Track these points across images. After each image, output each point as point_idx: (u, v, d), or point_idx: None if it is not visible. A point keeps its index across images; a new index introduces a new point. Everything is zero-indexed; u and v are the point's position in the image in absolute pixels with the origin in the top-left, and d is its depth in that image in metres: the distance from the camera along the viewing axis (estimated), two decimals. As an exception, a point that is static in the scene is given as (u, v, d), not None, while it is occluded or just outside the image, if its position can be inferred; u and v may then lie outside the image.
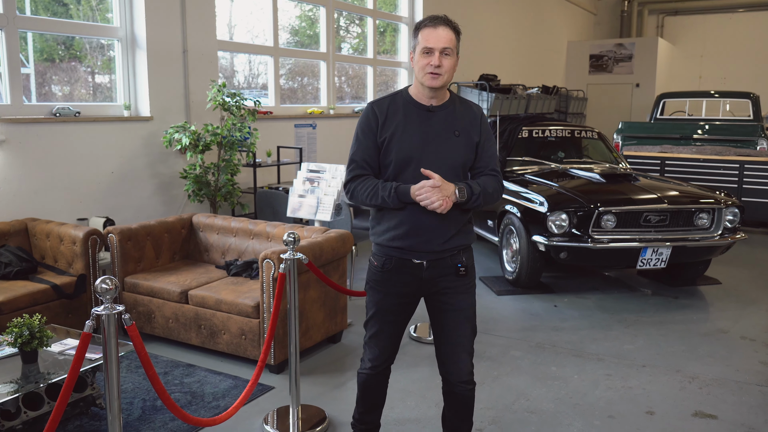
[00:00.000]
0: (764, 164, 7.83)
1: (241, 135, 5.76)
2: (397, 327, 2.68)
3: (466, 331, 2.62)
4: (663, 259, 5.22)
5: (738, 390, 3.78)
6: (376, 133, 2.54)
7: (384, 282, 2.61)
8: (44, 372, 3.09)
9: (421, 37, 2.47)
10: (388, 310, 2.64)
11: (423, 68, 2.46)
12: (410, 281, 2.58)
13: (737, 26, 17.16)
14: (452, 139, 2.52)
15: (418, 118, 2.52)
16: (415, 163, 2.48)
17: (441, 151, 2.50)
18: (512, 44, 13.15)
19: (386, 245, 2.57)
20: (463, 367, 2.63)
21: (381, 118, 2.54)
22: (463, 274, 2.58)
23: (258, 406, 3.52)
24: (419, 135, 2.50)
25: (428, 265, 2.55)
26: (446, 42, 2.44)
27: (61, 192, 5.15)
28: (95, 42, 5.66)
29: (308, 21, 8.15)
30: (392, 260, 2.57)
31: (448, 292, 2.59)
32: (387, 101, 2.59)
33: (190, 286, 4.23)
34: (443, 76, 2.45)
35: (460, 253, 2.58)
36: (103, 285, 2.15)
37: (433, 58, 2.43)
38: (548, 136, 6.91)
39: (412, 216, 2.49)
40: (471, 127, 2.56)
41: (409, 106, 2.55)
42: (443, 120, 2.53)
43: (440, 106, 2.55)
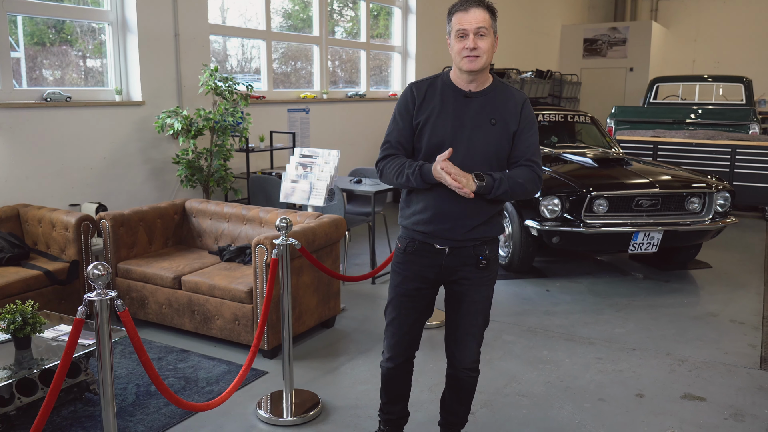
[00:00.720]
0: (756, 148, 7.86)
1: (234, 120, 5.74)
2: (414, 315, 2.64)
3: (478, 321, 2.61)
4: (654, 244, 5.25)
5: (726, 372, 3.82)
6: (412, 115, 2.50)
7: (405, 264, 2.59)
8: (37, 358, 3.10)
9: (454, 21, 2.41)
10: (406, 295, 2.60)
11: (459, 52, 2.39)
12: (430, 265, 2.55)
13: (731, 10, 17.12)
14: (487, 126, 2.44)
15: (455, 103, 2.46)
16: (447, 147, 2.41)
17: (474, 138, 2.43)
18: (506, 28, 13.09)
19: (411, 228, 2.55)
20: (469, 354, 2.65)
21: (418, 101, 2.49)
22: (484, 267, 2.54)
23: (251, 391, 3.54)
24: (453, 121, 2.44)
25: (450, 252, 2.52)
26: (480, 22, 2.36)
27: (52, 178, 5.13)
28: (86, 26, 5.61)
29: (301, 4, 8.09)
30: (415, 243, 2.55)
31: (466, 284, 2.56)
32: (426, 83, 2.53)
33: (183, 271, 4.24)
34: (481, 58, 2.37)
35: (484, 245, 2.53)
36: (96, 271, 2.16)
37: (468, 40, 2.36)
38: (541, 121, 6.91)
39: (438, 201, 2.46)
40: (510, 115, 2.47)
41: (447, 90, 2.49)
42: (480, 107, 2.46)
43: (480, 92, 2.47)
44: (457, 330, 2.63)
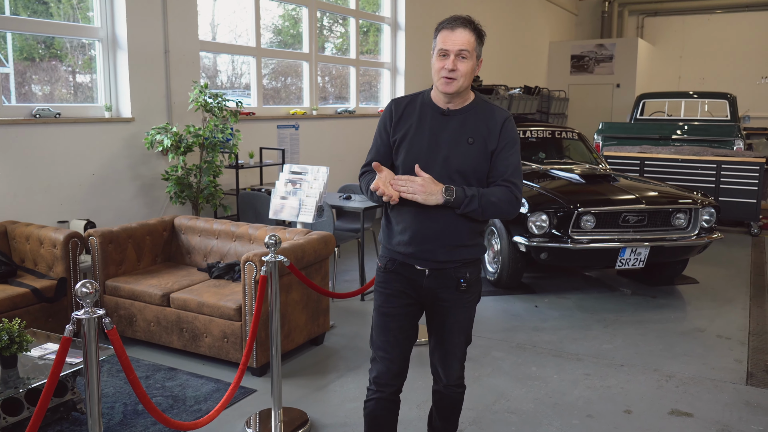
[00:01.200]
0: (740, 164, 7.95)
1: (224, 136, 5.75)
2: (400, 336, 2.54)
3: (460, 341, 2.58)
4: (641, 259, 5.29)
5: (713, 388, 3.85)
6: (389, 132, 2.48)
7: (386, 282, 2.53)
8: (24, 377, 3.08)
9: (439, 39, 2.36)
10: (390, 314, 2.52)
11: (438, 71, 2.35)
12: (410, 285, 2.51)
13: (715, 27, 17.38)
14: (464, 145, 2.39)
15: (432, 121, 2.43)
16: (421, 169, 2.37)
17: (450, 157, 2.38)
18: (494, 44, 13.22)
19: (391, 249, 2.52)
20: (453, 373, 2.62)
21: (396, 117, 2.47)
22: (464, 290, 2.49)
23: (240, 410, 3.53)
24: (429, 139, 2.41)
25: (430, 273, 2.47)
26: (463, 44, 2.31)
27: (41, 194, 5.12)
28: (76, 41, 5.62)
29: (291, 21, 8.15)
30: (395, 262, 2.51)
31: (447, 305, 2.51)
32: (407, 100, 2.51)
33: (172, 288, 4.23)
34: (458, 81, 2.33)
35: (465, 267, 2.48)
36: (84, 289, 2.15)
37: (448, 61, 2.32)
38: (529, 137, 6.97)
39: (418, 222, 2.41)
40: (489, 133, 2.40)
41: (426, 107, 2.45)
42: (458, 125, 2.41)
43: (458, 110, 2.43)
44: (440, 349, 2.59)
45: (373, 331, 2.60)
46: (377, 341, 2.57)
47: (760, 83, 16.72)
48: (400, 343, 2.55)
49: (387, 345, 2.54)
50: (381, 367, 2.55)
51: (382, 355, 2.55)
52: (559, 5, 17.01)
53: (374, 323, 2.59)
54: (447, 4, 11.01)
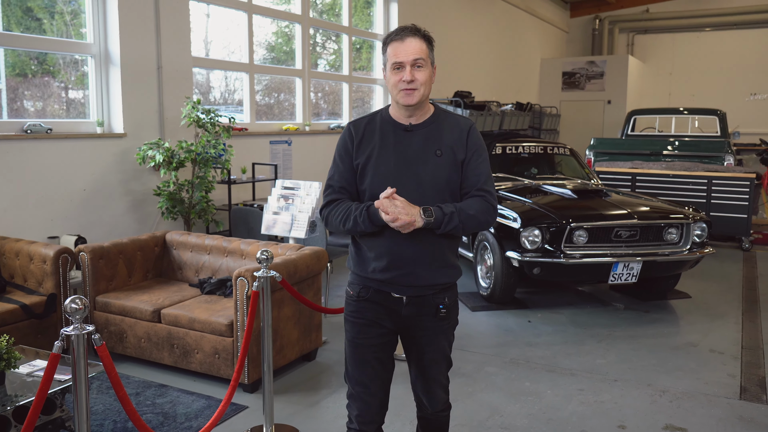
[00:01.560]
0: (731, 179, 8.01)
1: (216, 152, 5.75)
2: (379, 368, 2.40)
3: (441, 368, 2.49)
4: (634, 274, 5.30)
5: (707, 403, 3.84)
6: (352, 156, 2.36)
7: (359, 311, 2.38)
8: (11, 394, 3.04)
9: (390, 53, 2.29)
10: (366, 345, 2.38)
11: (396, 85, 2.27)
12: (387, 314, 2.37)
13: (705, 45, 17.57)
14: (433, 159, 2.30)
15: (395, 138, 2.32)
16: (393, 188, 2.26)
17: (421, 174, 2.29)
18: (486, 61, 13.32)
19: (365, 276, 2.37)
20: (438, 400, 2.54)
21: (356, 140, 2.35)
22: (444, 316, 2.38)
23: (231, 426, 3.49)
24: (396, 158, 2.30)
25: (408, 301, 2.34)
26: (416, 53, 2.25)
27: (31, 210, 5.09)
28: (68, 57, 5.62)
29: (284, 37, 8.18)
30: (369, 290, 2.36)
31: (426, 333, 2.40)
32: (365, 121, 2.40)
33: (163, 304, 4.20)
34: (419, 91, 2.26)
35: (443, 292, 2.38)
36: (73, 305, 2.14)
37: (405, 73, 2.25)
38: (522, 153, 7.00)
39: (395, 247, 2.29)
40: (456, 144, 2.33)
41: (387, 125, 2.36)
42: (423, 139, 2.32)
43: (421, 123, 2.35)
44: (423, 380, 2.48)
45: (348, 365, 2.45)
46: (354, 375, 2.42)
47: (750, 100, 16.88)
48: (380, 376, 2.42)
49: (366, 379, 2.40)
50: (361, 404, 2.41)
51: (361, 390, 2.41)
52: (551, 23, 17.18)
53: (348, 356, 2.43)
54: (439, 21, 11.10)
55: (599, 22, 18.15)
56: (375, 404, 2.43)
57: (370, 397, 2.41)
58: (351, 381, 2.44)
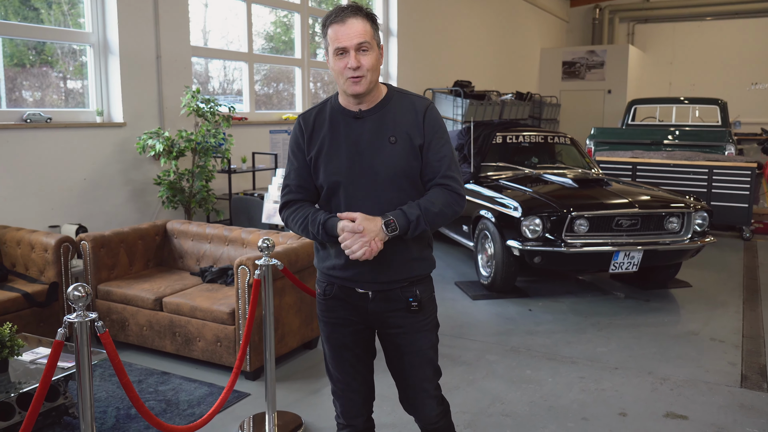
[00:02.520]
0: (732, 169, 8.00)
1: (216, 141, 5.74)
2: (359, 364, 2.31)
3: (427, 374, 2.29)
4: (635, 263, 5.30)
5: (708, 391, 3.85)
6: (304, 151, 2.20)
7: (329, 311, 2.27)
8: (15, 381, 3.05)
9: (331, 36, 2.07)
10: (341, 345, 2.28)
11: (341, 73, 2.07)
12: (354, 310, 2.23)
13: (706, 34, 17.52)
14: (387, 147, 2.11)
15: (346, 128, 2.14)
16: (345, 185, 2.13)
17: (375, 165, 2.11)
18: (486, 51, 13.28)
19: (327, 273, 2.24)
20: (429, 412, 2.32)
21: (307, 133, 2.19)
22: (416, 310, 2.20)
23: (234, 413, 3.50)
24: (347, 149, 2.13)
25: (374, 296, 2.19)
26: (360, 36, 2.04)
27: (32, 199, 5.08)
28: (67, 47, 5.60)
29: (283, 27, 8.15)
30: (333, 287, 2.23)
31: (401, 332, 2.23)
32: (314, 112, 2.22)
33: (165, 293, 4.20)
34: (366, 78, 2.06)
35: (413, 285, 2.20)
36: (76, 292, 2.13)
37: (350, 58, 2.04)
38: (522, 142, 6.99)
39: None
40: (412, 127, 2.13)
41: (336, 114, 2.17)
42: (376, 126, 2.13)
43: (371, 109, 2.15)
44: (408, 389, 2.31)
45: (327, 363, 2.36)
46: (335, 374, 2.34)
47: (751, 89, 16.85)
48: (359, 371, 2.33)
49: (347, 377, 2.32)
50: (345, 401, 2.35)
51: (343, 388, 2.34)
52: (550, 12, 17.11)
53: (326, 354, 2.34)
54: (439, 10, 11.05)
55: (599, 11, 18.09)
56: (358, 399, 2.36)
57: (353, 393, 2.35)
58: (332, 379, 2.37)
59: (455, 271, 6.51)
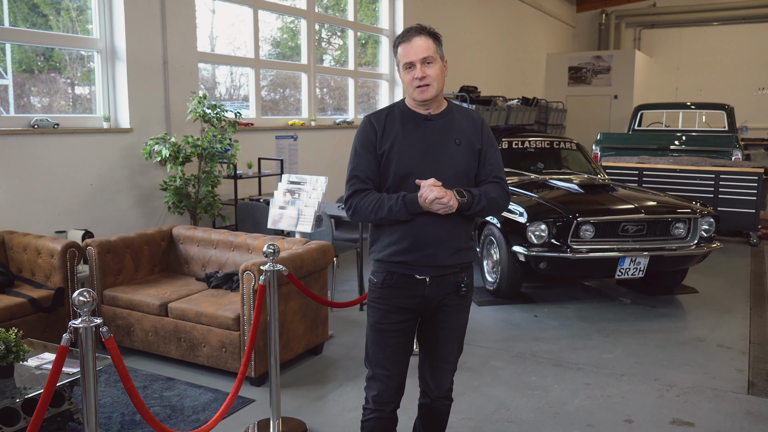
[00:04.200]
0: (739, 174, 7.96)
1: (222, 146, 5.75)
2: (400, 352, 2.51)
3: (454, 349, 2.59)
4: (641, 269, 5.28)
5: (715, 397, 3.83)
6: (376, 146, 2.46)
7: (384, 297, 2.48)
8: (20, 387, 3.06)
9: (400, 54, 2.43)
10: (389, 330, 2.48)
11: (410, 83, 2.41)
12: (411, 297, 2.46)
13: (712, 39, 17.46)
14: (453, 147, 2.45)
15: (417, 127, 2.46)
16: (415, 175, 2.40)
17: (442, 160, 2.43)
18: (492, 56, 13.28)
19: (388, 261, 2.45)
20: (445, 383, 2.61)
21: (380, 130, 2.46)
22: (464, 294, 2.51)
23: (238, 419, 3.50)
24: (419, 145, 2.43)
25: (431, 281, 2.45)
26: (424, 51, 2.38)
27: (39, 204, 5.10)
28: (75, 53, 5.63)
29: (290, 33, 8.18)
30: (393, 276, 2.46)
31: (445, 310, 2.51)
32: (384, 113, 2.52)
33: (170, 298, 4.21)
34: (432, 86, 2.40)
35: (462, 272, 2.51)
36: (81, 297, 2.14)
37: (416, 71, 2.38)
38: (528, 147, 6.98)
39: (416, 229, 2.39)
40: (472, 134, 2.50)
41: (407, 116, 2.48)
42: (442, 128, 2.47)
43: (438, 114, 2.49)
44: (434, 358, 2.58)
45: (368, 349, 2.55)
46: (375, 358, 2.52)
47: (758, 94, 16.78)
48: (400, 360, 2.52)
49: (386, 362, 2.50)
50: (380, 385, 2.51)
51: (381, 372, 2.51)
52: (557, 17, 17.10)
53: (370, 340, 2.53)
54: (445, 16, 11.07)
55: (606, 16, 18.06)
56: (393, 386, 2.52)
57: (389, 379, 2.51)
58: (371, 363, 2.54)
59: (461, 277, 6.49)
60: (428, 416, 2.70)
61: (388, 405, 2.53)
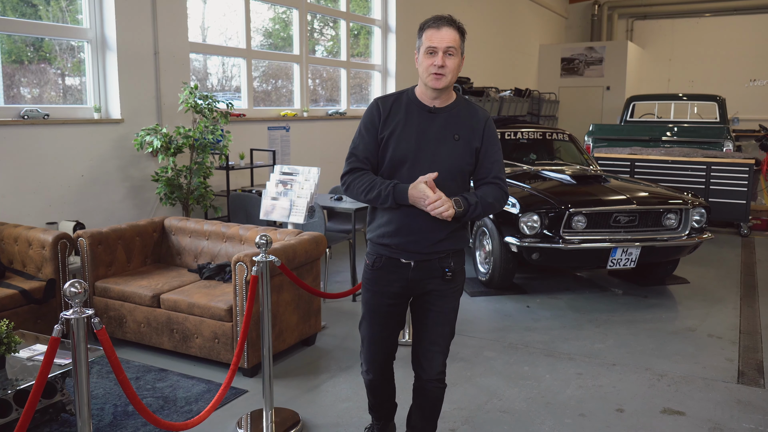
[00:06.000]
0: (730, 165, 8.00)
1: (214, 137, 5.72)
2: (386, 331, 2.70)
3: (444, 332, 2.65)
4: (632, 259, 5.30)
5: (705, 387, 3.86)
6: (378, 129, 2.54)
7: (374, 280, 2.64)
8: (12, 378, 3.05)
9: (425, 38, 2.46)
10: (377, 311, 2.66)
11: (427, 68, 2.45)
12: (397, 280, 2.59)
13: (704, 30, 17.50)
14: (451, 142, 2.50)
15: (419, 118, 2.52)
16: (410, 163, 2.48)
17: (437, 153, 2.48)
18: (485, 47, 13.26)
19: (377, 242, 2.60)
20: (436, 365, 2.67)
21: (384, 115, 2.54)
22: (450, 279, 2.58)
23: (231, 410, 3.50)
24: (417, 136, 2.49)
25: (415, 265, 2.56)
26: (450, 41, 2.43)
27: (29, 195, 5.07)
28: (65, 44, 5.58)
29: (281, 23, 8.13)
30: (382, 259, 2.60)
31: (433, 294, 2.60)
32: (392, 98, 2.58)
33: (162, 289, 4.20)
34: (446, 77, 2.45)
35: (449, 257, 2.58)
36: (73, 289, 2.13)
37: (437, 58, 2.42)
38: (520, 138, 6.98)
39: (404, 215, 2.49)
40: (473, 132, 2.53)
41: (412, 105, 2.54)
42: (444, 122, 2.51)
43: (443, 108, 2.54)
44: (424, 341, 2.66)
45: (362, 322, 2.75)
46: (365, 331, 2.73)
47: (749, 86, 16.84)
48: (388, 334, 2.72)
49: (375, 335, 2.72)
50: (370, 353, 2.75)
51: (369, 341, 2.73)
52: (549, 8, 17.08)
53: (364, 311, 2.72)
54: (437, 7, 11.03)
55: (598, 7, 18.05)
56: (382, 354, 2.74)
57: (378, 348, 2.73)
58: (362, 332, 2.75)
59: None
60: (421, 399, 2.76)
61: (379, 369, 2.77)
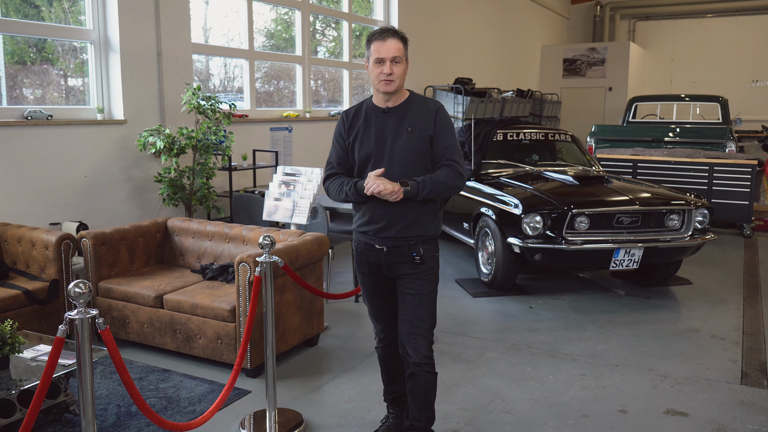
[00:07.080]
0: (733, 166, 7.99)
1: (217, 138, 5.73)
2: (381, 302, 3.02)
3: (422, 314, 2.86)
4: (635, 260, 5.30)
5: (708, 388, 3.85)
6: (344, 138, 2.92)
7: (360, 264, 2.99)
8: (16, 378, 3.05)
9: (373, 49, 2.77)
10: (368, 288, 3.03)
11: (377, 76, 2.77)
12: (375, 263, 2.92)
13: (707, 31, 17.49)
14: (404, 134, 2.81)
15: (376, 119, 2.86)
16: (373, 160, 2.82)
17: (394, 146, 2.81)
18: (487, 48, 13.26)
19: (357, 231, 2.95)
20: (419, 348, 2.86)
21: (347, 124, 2.92)
22: (419, 263, 2.84)
23: (234, 411, 3.51)
24: (375, 135, 2.84)
25: (388, 251, 2.86)
26: (395, 51, 2.74)
27: (33, 196, 5.08)
28: (68, 45, 5.59)
29: (284, 24, 8.14)
30: (361, 245, 2.94)
31: (406, 277, 2.87)
32: (354, 109, 2.95)
33: (165, 290, 4.21)
34: (395, 82, 2.77)
35: (418, 244, 2.84)
36: (77, 289, 2.14)
37: (385, 66, 2.74)
38: (523, 139, 6.98)
39: (373, 206, 2.82)
40: (425, 122, 2.83)
41: (370, 110, 2.89)
42: (397, 119, 2.83)
43: (396, 107, 2.85)
44: (405, 324, 2.89)
45: (363, 299, 3.12)
46: (366, 303, 3.10)
47: (751, 86, 16.83)
48: (387, 308, 3.04)
49: (375, 311, 3.08)
50: (376, 326, 3.12)
51: (372, 308, 3.08)
52: (551, 9, 17.08)
53: (362, 290, 3.09)
54: (439, 8, 11.03)
55: (600, 8, 18.05)
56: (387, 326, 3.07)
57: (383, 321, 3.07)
58: (365, 302, 3.10)
59: (456, 269, 6.51)
60: (412, 385, 2.92)
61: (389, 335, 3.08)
